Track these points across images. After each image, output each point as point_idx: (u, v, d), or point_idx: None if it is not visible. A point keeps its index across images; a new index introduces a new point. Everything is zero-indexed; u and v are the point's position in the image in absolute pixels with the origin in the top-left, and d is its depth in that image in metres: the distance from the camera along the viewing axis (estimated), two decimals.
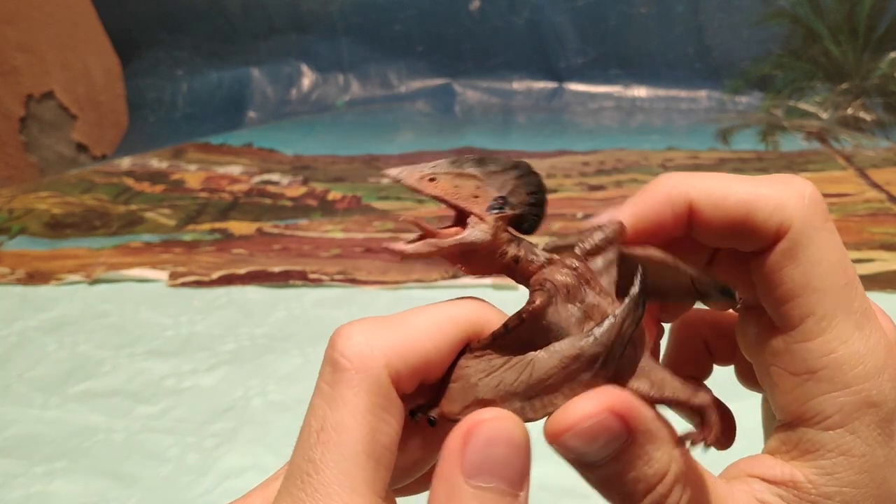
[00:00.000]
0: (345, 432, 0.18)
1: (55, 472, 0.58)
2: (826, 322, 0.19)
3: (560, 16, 1.42)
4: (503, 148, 1.24)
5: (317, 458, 0.18)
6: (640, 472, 0.18)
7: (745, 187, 0.20)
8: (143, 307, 0.79)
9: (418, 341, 0.19)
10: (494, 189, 0.20)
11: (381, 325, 0.19)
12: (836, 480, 0.19)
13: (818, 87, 1.36)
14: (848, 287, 0.19)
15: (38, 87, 1.46)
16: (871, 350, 0.19)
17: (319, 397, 0.18)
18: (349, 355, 0.18)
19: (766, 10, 1.36)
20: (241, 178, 1.16)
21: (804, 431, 0.19)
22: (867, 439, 0.19)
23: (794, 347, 0.19)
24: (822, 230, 0.20)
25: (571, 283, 0.20)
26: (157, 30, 1.51)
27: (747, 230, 0.20)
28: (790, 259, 0.19)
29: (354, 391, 0.18)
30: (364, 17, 1.47)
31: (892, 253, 0.84)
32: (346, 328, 0.19)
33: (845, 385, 0.19)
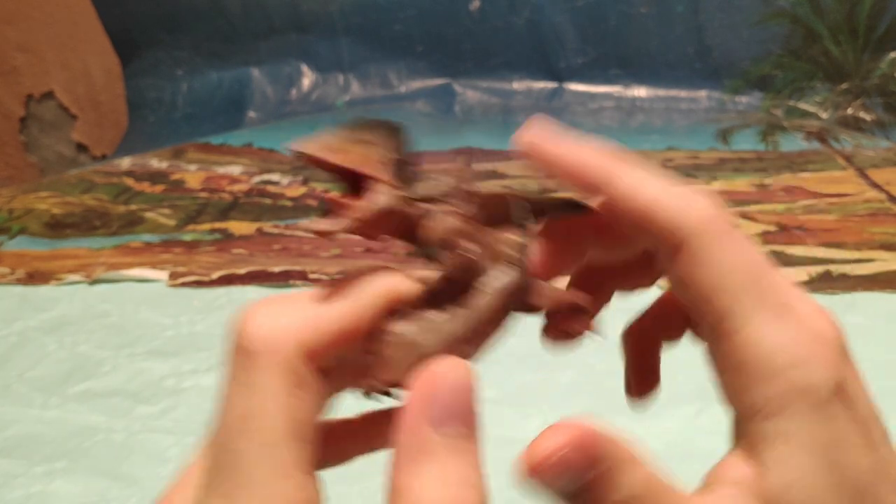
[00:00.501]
0: (264, 418, 0.17)
1: (55, 472, 0.58)
2: (742, 320, 0.20)
3: (560, 16, 1.42)
4: (503, 148, 1.24)
5: (240, 447, 0.17)
6: (611, 499, 0.18)
7: (654, 190, 0.21)
8: (143, 307, 0.79)
9: (328, 314, 0.19)
10: (390, 151, 0.20)
11: (287, 303, 0.19)
12: (792, 468, 0.19)
13: (818, 87, 1.36)
14: (761, 283, 0.20)
15: (38, 87, 1.46)
16: (793, 340, 0.19)
17: (232, 385, 0.18)
18: (257, 339, 0.18)
19: (766, 10, 1.36)
20: (241, 178, 1.16)
21: (747, 426, 0.20)
22: (804, 423, 0.19)
23: (721, 347, 0.20)
24: (723, 235, 0.20)
25: (465, 226, 0.21)
26: (157, 30, 1.51)
27: (649, 231, 0.21)
28: (695, 265, 0.20)
29: (268, 375, 0.18)
30: (364, 17, 1.47)
31: (892, 253, 0.84)
32: (250, 311, 0.18)
33: (772, 376, 0.19)
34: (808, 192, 1.02)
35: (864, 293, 0.76)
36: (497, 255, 0.21)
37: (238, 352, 0.18)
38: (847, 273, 0.80)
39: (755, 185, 1.05)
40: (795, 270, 0.81)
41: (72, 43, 1.47)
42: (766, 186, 1.04)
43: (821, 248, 0.85)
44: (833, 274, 0.80)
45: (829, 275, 0.80)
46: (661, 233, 0.20)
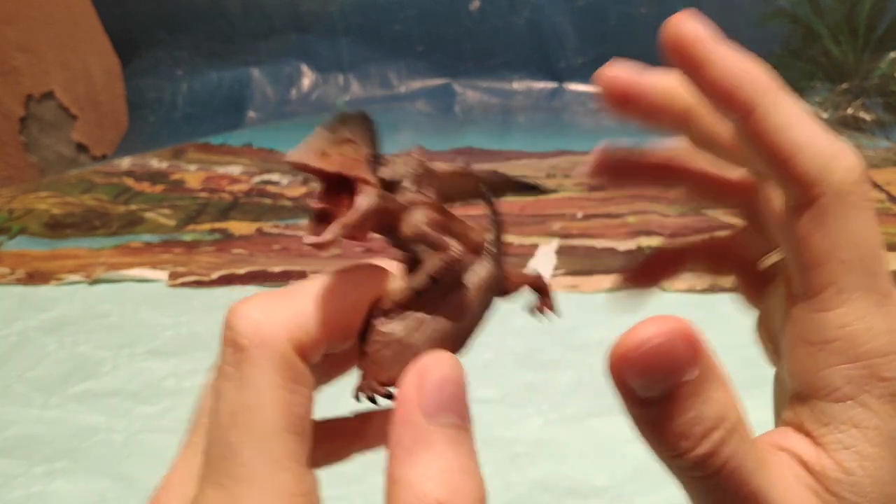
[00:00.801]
0: (258, 411, 0.17)
1: (55, 472, 0.58)
2: (846, 294, 0.19)
3: (560, 16, 1.42)
4: (503, 148, 1.24)
5: (234, 441, 0.17)
6: (699, 412, 0.18)
7: (805, 132, 0.19)
8: (143, 307, 0.79)
9: (317, 309, 0.19)
10: (365, 146, 0.20)
11: (276, 298, 0.19)
12: (856, 454, 0.18)
13: (818, 87, 1.36)
14: (874, 265, 0.19)
15: (38, 87, 1.46)
16: (887, 329, 0.19)
17: (224, 380, 0.18)
18: (248, 334, 0.18)
19: (766, 10, 1.36)
20: (241, 178, 1.16)
21: (815, 403, 0.19)
22: (878, 412, 0.19)
23: (812, 316, 0.19)
24: (857, 206, 0.19)
25: (440, 218, 0.20)
26: (157, 30, 1.51)
27: (784, 174, 0.19)
28: (819, 226, 0.19)
29: (260, 369, 0.18)
30: (364, 17, 1.47)
31: (891, 253, 0.84)
32: (240, 306, 0.18)
33: (856, 358, 0.19)
34: None
35: None
36: (473, 246, 0.21)
37: (229, 345, 0.18)
38: None
39: None
40: None
41: (72, 43, 1.47)
42: None
43: None
44: None
45: None
46: (799, 182, 0.19)
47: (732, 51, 0.20)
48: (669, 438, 0.18)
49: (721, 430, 0.18)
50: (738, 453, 0.18)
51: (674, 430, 0.18)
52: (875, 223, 0.19)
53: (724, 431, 0.18)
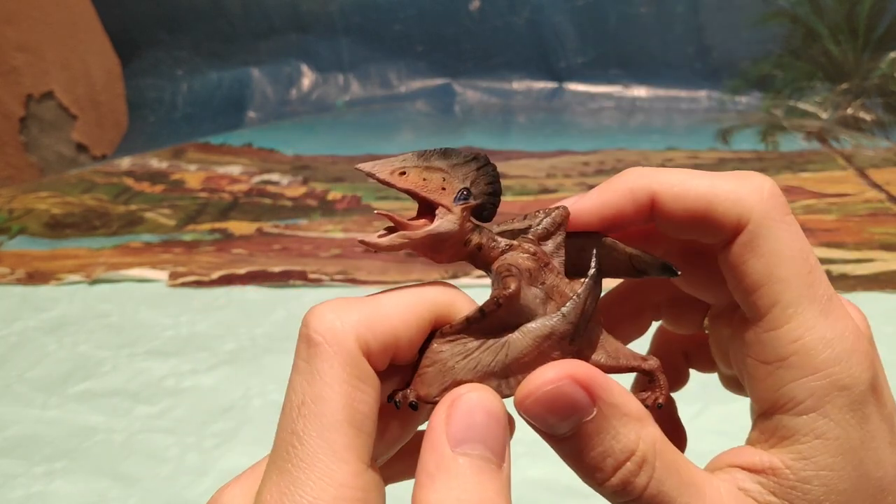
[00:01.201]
0: (324, 403, 0.18)
1: (55, 472, 0.58)
2: (791, 310, 0.20)
3: (560, 16, 1.42)
4: (503, 148, 1.24)
5: (299, 429, 0.18)
6: (608, 447, 0.19)
7: (706, 182, 0.21)
8: (143, 307, 0.79)
9: (387, 318, 0.20)
10: (458, 180, 0.22)
11: (351, 304, 0.20)
12: (814, 464, 0.19)
13: (818, 87, 1.36)
14: (811, 276, 0.20)
15: (38, 87, 1.46)
16: (839, 335, 0.19)
17: (297, 373, 0.19)
18: (321, 331, 0.19)
19: (766, 10, 1.36)
20: (241, 178, 1.16)
21: (779, 418, 0.20)
22: (840, 422, 0.19)
23: (764, 337, 0.20)
24: (781, 222, 0.20)
25: (532, 266, 0.21)
26: (157, 30, 1.51)
27: (708, 223, 0.21)
28: (751, 251, 0.20)
29: (329, 364, 0.19)
30: (364, 17, 1.47)
31: (892, 253, 0.84)
32: (317, 307, 0.20)
33: (814, 370, 0.19)
34: (808, 192, 1.02)
35: (864, 293, 0.76)
36: (555, 299, 0.21)
37: (303, 341, 0.19)
38: (847, 273, 0.80)
39: None
40: None
41: (72, 43, 1.47)
42: None
43: (821, 248, 0.85)
44: (833, 274, 0.80)
45: (830, 275, 0.79)
46: (721, 222, 0.20)
47: (597, 191, 0.22)
48: (586, 470, 0.19)
49: (632, 463, 0.19)
50: (655, 482, 0.19)
51: (588, 463, 0.19)
52: (801, 233, 0.20)
53: (634, 464, 0.19)
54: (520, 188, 1.07)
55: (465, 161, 0.22)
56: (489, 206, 0.22)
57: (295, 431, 0.18)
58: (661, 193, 0.21)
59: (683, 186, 0.21)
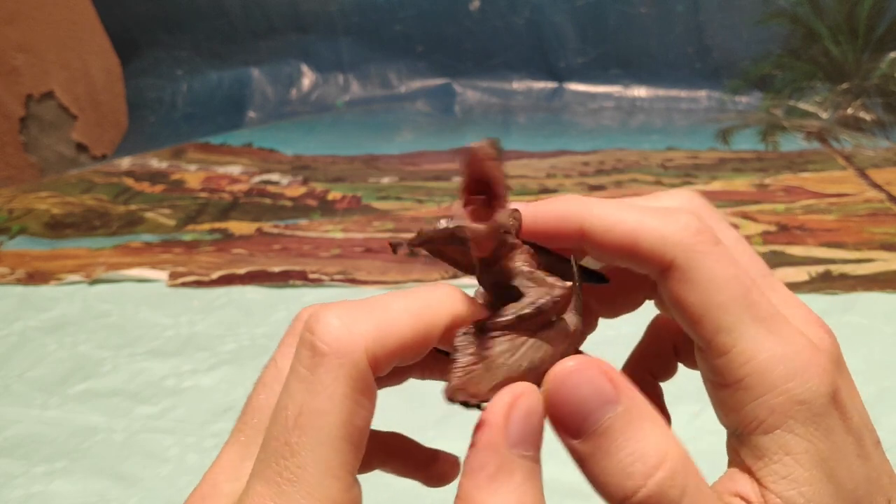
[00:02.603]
0: (323, 417, 0.18)
1: (55, 472, 0.58)
2: (736, 333, 0.20)
3: (560, 16, 1.42)
4: (503, 148, 1.24)
5: (294, 441, 0.18)
6: (636, 448, 0.18)
7: (633, 217, 0.21)
8: (143, 307, 0.79)
9: (396, 326, 0.19)
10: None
11: (358, 309, 0.19)
12: (793, 482, 0.19)
13: (818, 87, 1.36)
14: (749, 297, 0.20)
15: (38, 87, 1.46)
16: (790, 351, 0.19)
17: (297, 381, 0.18)
18: (328, 340, 0.18)
19: (766, 10, 1.35)
20: (241, 178, 1.16)
21: (748, 439, 0.20)
22: (804, 435, 0.19)
23: (717, 363, 0.20)
24: (708, 254, 0.20)
25: (534, 262, 0.21)
26: (157, 30, 1.51)
27: (635, 258, 0.21)
28: (684, 284, 0.20)
29: (334, 376, 0.18)
30: (364, 17, 1.47)
31: (892, 253, 0.84)
32: (322, 312, 0.19)
33: (770, 387, 0.19)
34: (808, 192, 1.02)
35: (864, 293, 0.76)
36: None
37: (307, 349, 0.19)
38: (847, 273, 0.80)
39: (755, 185, 1.05)
40: (795, 270, 0.81)
41: (72, 43, 1.47)
42: (766, 186, 1.04)
43: (821, 248, 0.85)
44: (833, 274, 0.80)
45: (829, 275, 0.80)
46: (648, 258, 0.20)
47: (536, 206, 0.22)
48: (613, 477, 0.18)
49: (665, 472, 0.18)
50: (689, 500, 0.18)
51: (614, 468, 0.18)
52: (733, 258, 0.20)
53: (667, 473, 0.18)
54: (520, 188, 1.07)
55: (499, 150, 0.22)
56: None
57: (289, 442, 0.18)
58: (590, 227, 0.21)
59: (610, 221, 0.21)
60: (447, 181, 1.11)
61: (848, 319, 0.71)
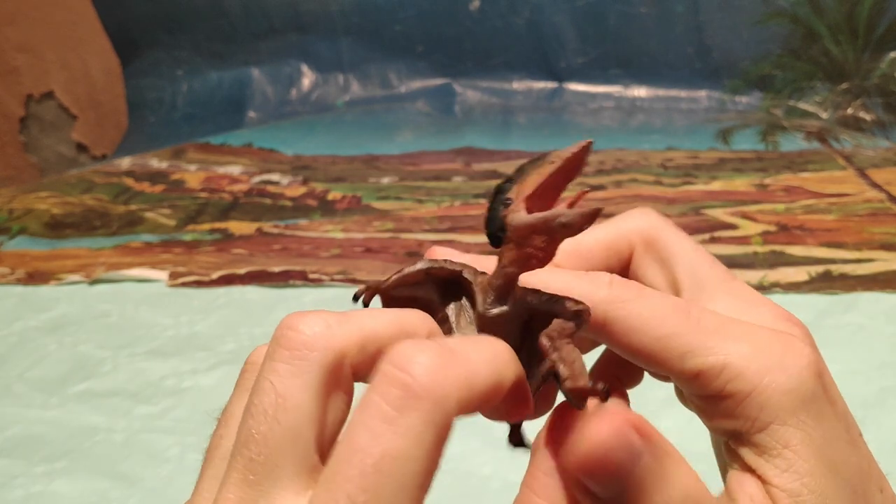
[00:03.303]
0: (297, 410, 0.17)
1: (55, 472, 0.58)
2: (700, 350, 0.20)
3: (560, 16, 1.42)
4: (503, 148, 1.24)
5: (266, 435, 0.17)
6: (667, 496, 0.17)
7: (559, 286, 0.20)
8: (143, 307, 0.79)
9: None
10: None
11: (341, 316, 0.19)
12: (795, 474, 0.19)
13: (818, 87, 1.35)
14: (692, 317, 0.20)
15: (38, 87, 1.46)
16: (756, 346, 0.19)
17: (272, 376, 0.18)
18: (308, 336, 0.18)
19: (766, 10, 1.35)
20: (241, 178, 1.16)
21: (747, 440, 0.20)
22: (798, 425, 0.19)
23: (694, 385, 0.20)
24: (633, 299, 0.20)
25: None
26: (157, 30, 1.51)
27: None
28: (627, 332, 0.20)
29: (309, 371, 0.18)
30: (364, 17, 1.47)
31: (892, 253, 0.84)
32: (300, 314, 0.19)
33: (752, 386, 0.19)
34: (808, 192, 1.02)
35: (864, 293, 0.76)
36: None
37: (282, 346, 0.18)
38: (847, 273, 0.80)
39: (755, 185, 1.05)
40: (795, 270, 0.81)
41: (72, 43, 1.47)
42: (766, 186, 1.04)
43: (821, 248, 0.85)
44: (833, 274, 0.80)
45: (829, 275, 0.80)
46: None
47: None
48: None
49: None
50: None
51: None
52: (655, 293, 0.20)
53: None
54: None
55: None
56: None
57: (262, 436, 0.17)
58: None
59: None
60: (447, 181, 1.11)
61: (848, 319, 0.71)
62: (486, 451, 0.55)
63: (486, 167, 1.16)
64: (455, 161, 1.20)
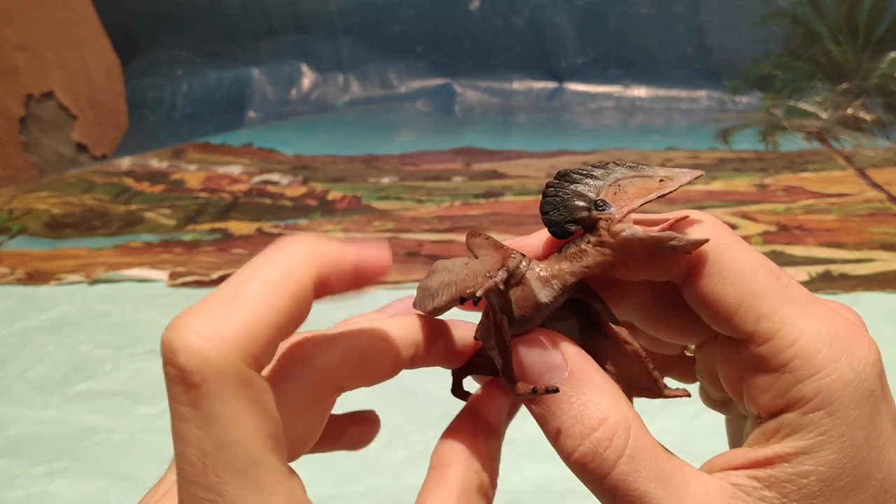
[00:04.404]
0: (232, 447, 0.16)
1: (55, 472, 0.58)
2: (777, 317, 0.19)
3: (560, 16, 1.42)
4: (503, 148, 1.24)
5: (215, 482, 0.16)
6: (577, 412, 0.19)
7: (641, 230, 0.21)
8: (143, 307, 0.79)
9: (262, 313, 0.17)
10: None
11: (214, 312, 0.17)
12: (813, 459, 0.19)
13: (818, 87, 1.36)
14: (780, 281, 0.20)
15: (38, 87, 1.46)
16: (832, 330, 0.19)
17: (184, 422, 0.16)
18: (196, 366, 0.16)
19: (766, 10, 1.36)
20: (241, 178, 1.16)
21: (785, 417, 0.19)
22: (847, 419, 0.19)
23: (758, 351, 0.20)
24: (730, 244, 0.20)
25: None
26: (157, 30, 1.51)
27: (661, 263, 0.21)
28: (714, 278, 0.20)
29: (221, 402, 0.16)
30: (364, 17, 1.47)
31: (892, 253, 0.84)
32: (176, 333, 0.16)
33: (818, 369, 0.19)
34: (808, 192, 1.02)
35: (864, 293, 0.76)
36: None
37: (177, 384, 0.16)
38: (847, 273, 0.80)
39: (755, 185, 1.05)
40: (795, 270, 0.81)
41: (72, 43, 1.47)
42: (766, 186, 1.04)
43: (821, 248, 0.85)
44: (833, 274, 0.80)
45: (829, 275, 0.80)
46: (673, 261, 0.20)
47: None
48: (555, 436, 0.20)
49: (601, 433, 0.19)
50: (627, 461, 0.19)
51: (557, 428, 0.20)
52: (753, 250, 0.20)
53: (603, 435, 0.19)
54: (520, 188, 1.07)
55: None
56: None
57: (207, 486, 0.16)
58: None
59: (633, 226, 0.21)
60: (447, 181, 1.11)
61: None
62: None
63: (486, 167, 1.16)
64: (455, 161, 1.20)
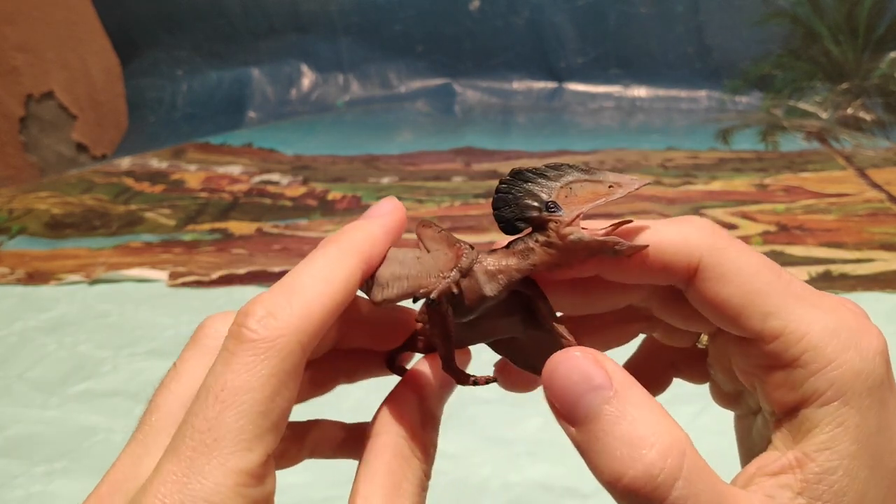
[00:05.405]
0: (245, 393, 0.18)
1: (55, 472, 0.58)
2: (784, 314, 0.20)
3: (560, 16, 1.42)
4: (503, 148, 1.24)
5: (212, 416, 0.18)
6: (626, 432, 0.18)
7: (650, 230, 0.21)
8: (143, 307, 0.79)
9: (316, 303, 0.20)
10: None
11: (280, 295, 0.20)
12: (837, 453, 0.19)
13: (818, 87, 1.36)
14: (782, 278, 0.20)
15: (38, 87, 1.46)
16: (839, 322, 0.19)
17: (222, 364, 0.19)
18: (255, 327, 0.19)
19: (766, 10, 1.36)
20: (241, 178, 1.16)
21: (803, 413, 0.19)
22: (859, 408, 0.19)
23: (770, 348, 0.20)
24: (730, 247, 0.20)
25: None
26: (157, 30, 1.51)
27: (661, 269, 0.21)
28: (719, 280, 0.20)
29: (261, 357, 0.18)
30: (364, 17, 1.47)
31: (892, 253, 0.84)
32: (252, 304, 0.19)
33: (829, 361, 0.19)
34: (808, 192, 1.02)
35: (864, 293, 0.76)
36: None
37: (233, 337, 0.19)
38: (847, 273, 0.80)
39: (755, 185, 1.05)
40: (795, 270, 0.81)
41: (72, 43, 1.47)
42: (766, 186, 1.04)
43: (821, 248, 0.85)
44: (833, 274, 0.80)
45: (829, 275, 0.80)
46: (674, 266, 0.20)
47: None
48: (603, 463, 0.18)
49: (656, 454, 0.18)
50: (684, 483, 0.18)
51: (604, 452, 0.18)
52: (753, 250, 0.20)
53: (658, 455, 0.18)
54: None
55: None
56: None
57: (207, 417, 0.18)
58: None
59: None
60: (447, 181, 1.11)
61: None
62: (485, 451, 0.55)
63: (486, 167, 1.16)
64: (455, 161, 1.20)
